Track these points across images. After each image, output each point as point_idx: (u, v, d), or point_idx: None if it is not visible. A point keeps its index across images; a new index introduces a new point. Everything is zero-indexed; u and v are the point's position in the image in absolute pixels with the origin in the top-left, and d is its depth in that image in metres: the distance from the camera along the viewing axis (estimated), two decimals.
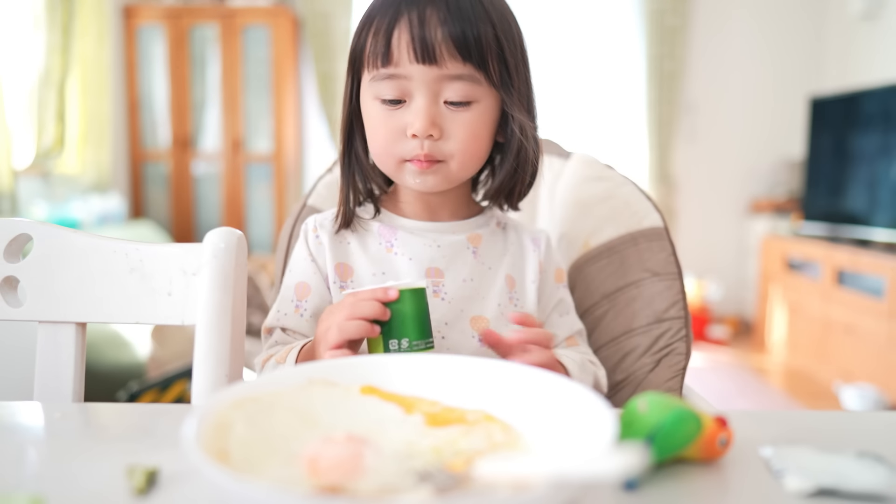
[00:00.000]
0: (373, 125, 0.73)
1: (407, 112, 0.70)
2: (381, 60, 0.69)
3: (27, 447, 0.49)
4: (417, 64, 0.68)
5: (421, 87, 0.69)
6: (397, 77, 0.69)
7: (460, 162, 0.72)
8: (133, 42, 3.46)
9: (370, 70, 0.71)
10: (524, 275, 0.80)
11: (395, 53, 0.68)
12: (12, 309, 0.65)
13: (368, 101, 0.72)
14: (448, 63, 0.68)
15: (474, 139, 0.72)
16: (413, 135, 0.70)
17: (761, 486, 0.42)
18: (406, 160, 0.72)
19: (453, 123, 0.70)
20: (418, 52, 0.67)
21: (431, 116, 0.69)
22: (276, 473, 0.38)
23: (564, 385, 0.45)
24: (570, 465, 0.33)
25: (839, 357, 2.81)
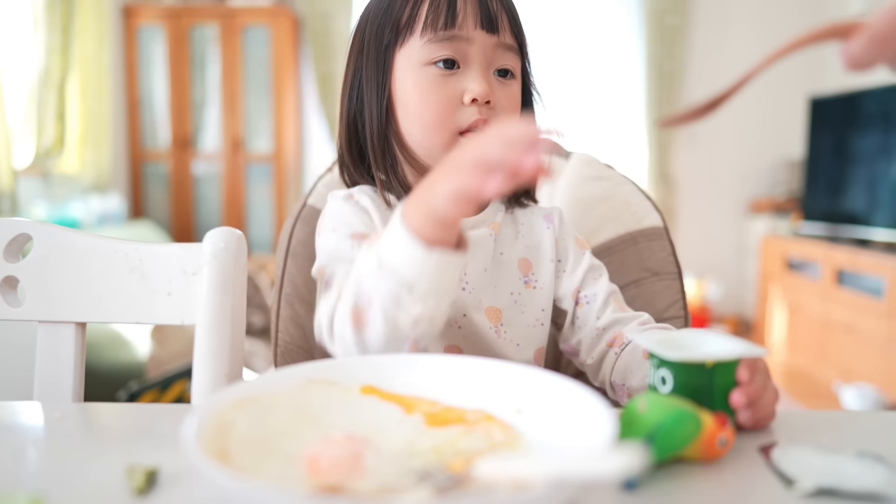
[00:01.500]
0: (422, 95, 0.69)
1: (462, 78, 0.69)
2: (445, 23, 0.68)
3: (27, 447, 0.49)
4: (480, 30, 0.68)
5: (479, 54, 0.69)
6: (458, 39, 0.68)
7: None
8: (133, 42, 3.46)
9: (425, 34, 0.68)
10: (540, 254, 0.77)
11: (459, 16, 0.68)
12: (12, 309, 0.65)
13: (414, 72, 0.69)
14: (505, 33, 0.70)
15: (515, 112, 0.72)
16: (472, 100, 0.68)
17: (761, 486, 0.42)
18: (462, 131, 0.69)
19: (502, 94, 0.70)
20: (483, 18, 0.68)
21: (489, 82, 0.69)
22: (276, 473, 0.38)
23: (564, 385, 0.45)
24: (569, 465, 0.33)
25: (839, 357, 2.81)
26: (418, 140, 0.71)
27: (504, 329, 0.73)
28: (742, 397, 0.50)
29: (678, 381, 0.49)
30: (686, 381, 0.48)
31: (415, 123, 0.70)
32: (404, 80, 0.70)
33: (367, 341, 0.56)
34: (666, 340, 0.51)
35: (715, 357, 0.48)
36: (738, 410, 0.50)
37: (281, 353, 0.87)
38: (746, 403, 0.50)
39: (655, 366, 0.50)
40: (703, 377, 0.48)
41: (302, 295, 0.86)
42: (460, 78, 0.69)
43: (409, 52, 0.70)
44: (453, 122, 0.68)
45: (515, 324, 0.73)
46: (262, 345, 2.38)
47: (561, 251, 0.78)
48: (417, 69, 0.69)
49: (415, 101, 0.69)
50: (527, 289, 0.75)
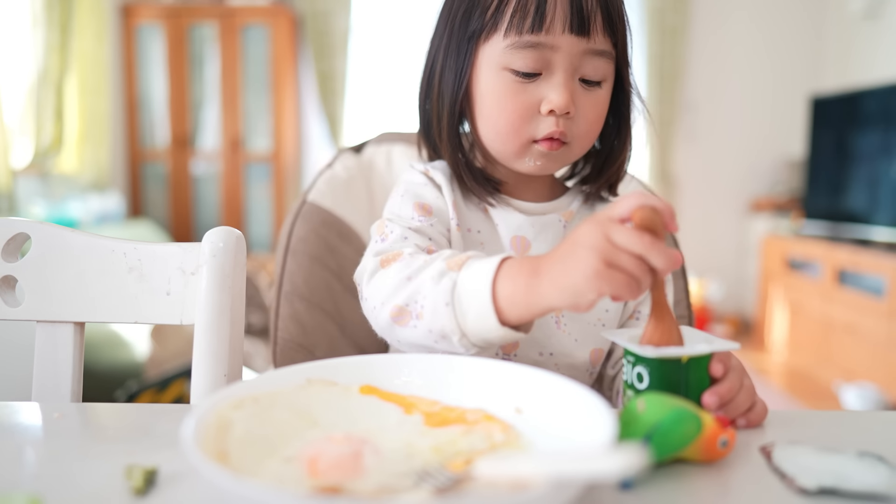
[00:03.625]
0: (498, 100, 0.66)
1: (543, 86, 0.64)
2: (531, 26, 0.62)
3: (25, 447, 0.48)
4: (569, 34, 0.63)
5: (564, 60, 0.64)
6: (542, 47, 0.63)
7: (581, 145, 0.68)
8: (132, 41, 3.46)
9: (508, 36, 0.64)
10: None
11: (548, 19, 0.62)
12: (10, 308, 0.65)
13: (493, 73, 0.66)
14: (597, 36, 0.64)
15: (598, 121, 0.68)
16: (550, 111, 0.64)
17: (762, 486, 0.42)
18: (535, 140, 0.66)
19: (585, 102, 0.66)
20: (575, 22, 0.62)
21: (571, 92, 0.64)
22: (276, 473, 0.38)
23: (564, 385, 0.45)
24: (569, 465, 0.32)
25: (840, 356, 2.81)
26: (490, 142, 0.69)
27: (565, 321, 0.71)
28: (714, 398, 0.50)
29: (654, 377, 0.49)
30: (662, 377, 0.49)
31: (488, 126, 0.68)
32: (483, 78, 0.67)
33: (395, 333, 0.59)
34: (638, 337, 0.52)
35: (689, 353, 0.49)
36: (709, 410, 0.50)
37: (280, 351, 0.87)
38: (719, 404, 0.50)
39: (632, 363, 0.50)
40: (678, 373, 0.49)
41: (301, 293, 0.86)
42: (540, 85, 0.65)
43: (491, 51, 0.66)
44: (527, 131, 0.66)
45: (577, 319, 0.72)
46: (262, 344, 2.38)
47: None
48: (496, 71, 0.66)
49: (490, 105, 0.67)
50: None
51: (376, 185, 0.92)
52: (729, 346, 0.51)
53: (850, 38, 3.46)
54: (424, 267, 0.57)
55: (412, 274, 0.58)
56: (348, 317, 0.88)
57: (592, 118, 0.67)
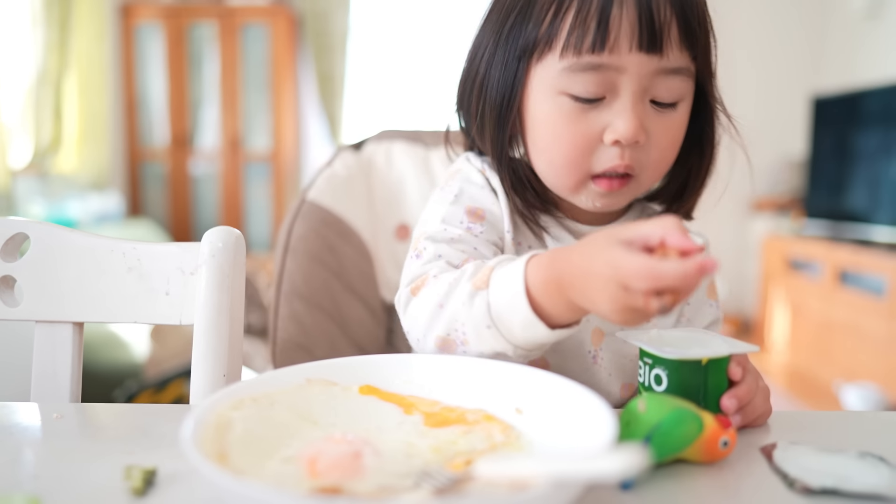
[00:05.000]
0: (553, 129, 0.58)
1: (606, 112, 0.56)
2: (592, 45, 0.53)
3: (24, 448, 0.48)
4: (638, 52, 0.54)
5: (632, 82, 0.55)
6: (605, 68, 0.55)
7: (652, 176, 0.60)
8: (131, 40, 3.45)
9: (564, 57, 0.55)
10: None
11: (612, 35, 0.53)
12: (9, 308, 0.65)
13: (548, 97, 0.58)
14: (673, 52, 0.55)
15: (674, 146, 0.60)
16: (615, 141, 0.56)
17: (763, 487, 0.42)
18: (595, 175, 0.58)
19: (658, 127, 0.57)
20: (645, 38, 0.53)
21: (641, 118, 0.56)
22: (275, 474, 0.38)
23: (564, 385, 0.45)
24: (569, 466, 0.32)
25: (840, 357, 2.81)
26: (543, 173, 0.62)
27: (602, 355, 0.66)
28: (733, 401, 0.49)
29: (673, 379, 0.48)
30: (681, 379, 0.48)
31: (541, 156, 0.60)
32: (536, 102, 0.59)
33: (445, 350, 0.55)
34: (655, 339, 0.51)
35: (709, 354, 0.48)
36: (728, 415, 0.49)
37: (279, 351, 0.87)
38: (738, 407, 0.49)
39: (650, 365, 0.50)
40: (698, 375, 0.48)
41: (301, 292, 0.86)
42: (603, 111, 0.56)
43: (545, 73, 0.57)
44: (587, 165, 0.58)
45: (615, 352, 0.67)
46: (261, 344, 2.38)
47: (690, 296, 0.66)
48: (552, 96, 0.57)
49: (543, 133, 0.59)
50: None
51: (376, 183, 0.91)
52: (748, 348, 0.50)
53: (852, 37, 3.46)
54: (451, 291, 0.53)
55: (442, 301, 0.53)
56: (348, 316, 0.88)
57: (665, 144, 0.59)
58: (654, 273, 0.41)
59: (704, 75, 0.60)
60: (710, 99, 0.62)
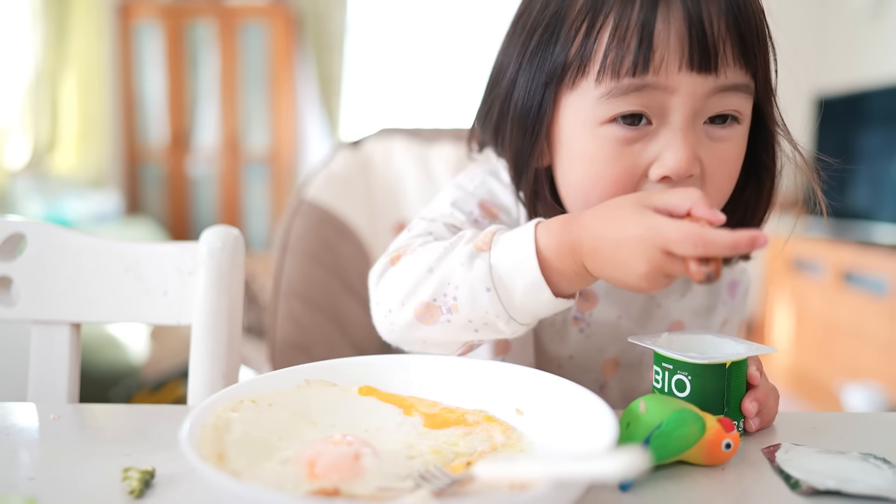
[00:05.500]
0: (592, 167, 0.50)
1: (654, 143, 0.49)
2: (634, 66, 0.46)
3: (21, 449, 0.48)
4: (690, 72, 0.47)
5: (684, 107, 0.48)
6: (651, 89, 0.47)
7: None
8: (129, 39, 3.44)
9: (601, 80, 0.48)
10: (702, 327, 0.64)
11: (657, 53, 0.46)
12: (6, 309, 0.64)
13: (585, 132, 0.50)
14: (729, 70, 0.48)
15: (732, 178, 0.52)
16: (664, 177, 0.48)
17: (765, 488, 0.42)
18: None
19: (713, 156, 0.50)
20: (696, 55, 0.46)
21: (693, 148, 0.48)
22: (274, 475, 0.38)
23: (564, 386, 0.44)
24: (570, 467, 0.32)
25: (843, 357, 2.81)
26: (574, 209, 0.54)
27: (611, 385, 0.63)
28: (754, 404, 0.47)
29: (696, 384, 0.47)
30: (704, 383, 0.47)
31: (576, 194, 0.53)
32: (570, 136, 0.51)
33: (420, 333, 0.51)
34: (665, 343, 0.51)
35: (731, 357, 0.47)
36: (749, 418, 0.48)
37: (278, 351, 0.87)
38: (758, 410, 0.48)
39: (670, 371, 0.48)
40: (720, 379, 0.47)
41: (299, 292, 0.86)
42: (650, 142, 0.49)
43: (580, 103, 0.50)
44: None
45: (627, 384, 0.64)
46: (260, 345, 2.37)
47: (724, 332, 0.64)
48: (589, 129, 0.50)
49: (579, 171, 0.52)
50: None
51: (375, 182, 0.91)
52: (766, 349, 0.49)
53: (855, 37, 3.46)
54: (446, 255, 0.48)
55: (433, 265, 0.49)
56: (347, 316, 0.87)
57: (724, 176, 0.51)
58: (705, 240, 0.38)
59: (763, 95, 0.53)
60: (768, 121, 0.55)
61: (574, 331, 0.61)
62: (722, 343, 0.51)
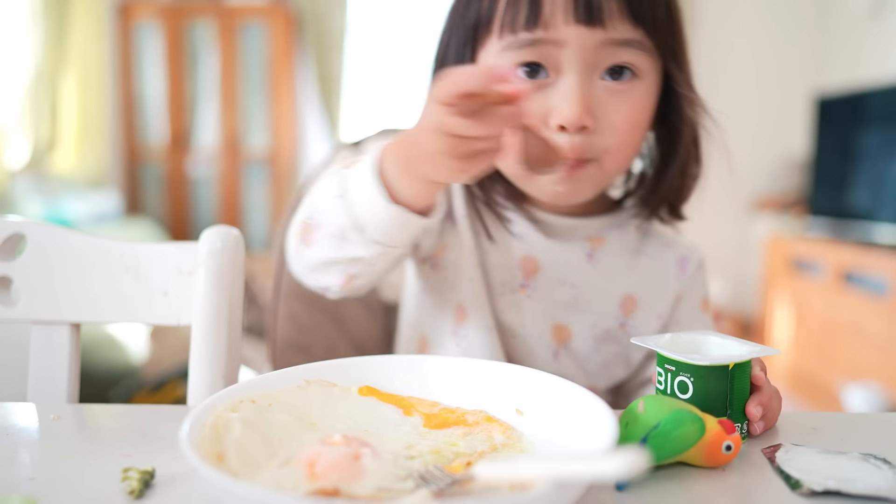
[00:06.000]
0: None
1: (551, 94, 0.53)
2: (526, 20, 0.52)
3: (20, 449, 0.48)
4: (577, 25, 0.51)
5: (575, 58, 0.52)
6: (544, 43, 0.52)
7: (615, 161, 0.57)
8: (129, 39, 3.44)
9: (503, 36, 0.54)
10: (651, 303, 0.65)
11: (545, 8, 0.51)
12: (6, 309, 0.64)
13: None
14: (617, 24, 0.52)
15: (634, 129, 0.56)
16: (560, 127, 0.53)
17: (765, 488, 0.42)
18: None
19: (611, 107, 0.54)
20: (581, 8, 0.51)
21: (586, 99, 0.52)
22: (274, 476, 0.38)
23: (565, 386, 0.44)
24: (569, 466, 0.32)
25: (843, 357, 2.81)
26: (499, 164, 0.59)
27: (566, 355, 0.65)
28: (759, 408, 0.47)
29: (699, 386, 0.47)
30: (708, 385, 0.47)
31: None
32: None
33: (305, 256, 0.57)
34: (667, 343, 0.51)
35: (734, 358, 0.47)
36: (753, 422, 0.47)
37: (278, 351, 0.87)
38: (763, 413, 0.48)
39: (672, 372, 0.48)
40: (724, 381, 0.47)
41: (299, 292, 0.86)
42: (548, 92, 0.53)
43: (487, 57, 0.56)
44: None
45: (582, 357, 0.65)
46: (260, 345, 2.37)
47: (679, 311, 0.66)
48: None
49: None
50: (618, 331, 0.65)
51: None
52: (769, 351, 0.49)
53: (855, 37, 3.46)
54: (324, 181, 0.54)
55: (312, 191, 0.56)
56: (347, 316, 0.87)
57: (624, 127, 0.55)
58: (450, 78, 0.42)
59: (666, 56, 0.57)
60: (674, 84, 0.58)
61: (522, 298, 0.63)
62: (724, 344, 0.51)
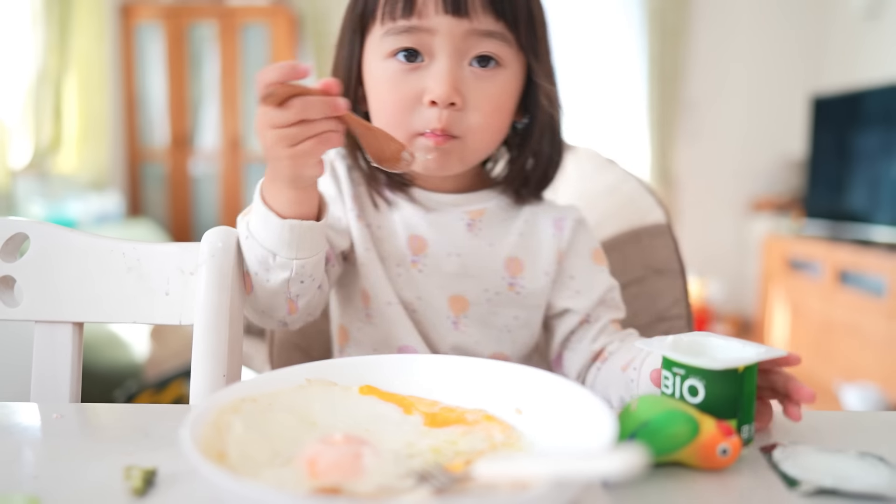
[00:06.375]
0: (382, 91, 0.63)
1: (426, 75, 0.61)
2: (402, 10, 0.60)
3: (24, 448, 0.48)
4: (445, 15, 0.59)
5: (446, 45, 0.60)
6: (419, 31, 0.60)
7: (479, 139, 0.64)
8: (131, 40, 3.45)
9: (384, 23, 0.61)
10: (535, 261, 0.70)
11: (418, 2, 0.59)
12: (9, 308, 0.65)
13: (377, 63, 0.63)
14: (480, 16, 0.60)
15: (498, 112, 0.64)
16: (432, 102, 0.61)
17: (762, 487, 0.42)
18: (419, 133, 0.63)
19: (477, 91, 0.62)
20: (448, 1, 0.59)
21: (454, 80, 0.60)
22: (275, 474, 0.38)
23: (564, 385, 0.45)
24: (569, 465, 0.32)
25: (840, 357, 2.81)
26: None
27: (466, 323, 0.69)
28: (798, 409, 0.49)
29: (710, 389, 0.46)
30: (719, 389, 0.46)
31: (376, 118, 0.66)
32: (369, 68, 0.65)
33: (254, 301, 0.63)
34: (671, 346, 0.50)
35: (744, 361, 0.46)
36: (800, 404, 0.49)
37: (277, 351, 0.87)
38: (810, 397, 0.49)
39: (682, 376, 0.47)
40: (734, 384, 0.46)
41: None
42: (423, 74, 0.61)
43: (373, 41, 0.64)
44: (410, 125, 0.63)
45: (481, 322, 0.70)
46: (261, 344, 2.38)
47: (569, 267, 0.71)
48: (380, 61, 0.63)
49: (375, 95, 0.65)
50: (509, 291, 0.70)
51: None
52: (777, 352, 0.49)
53: (851, 37, 3.46)
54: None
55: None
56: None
57: (487, 109, 0.62)
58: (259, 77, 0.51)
59: (526, 49, 0.64)
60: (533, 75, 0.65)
61: (416, 273, 0.69)
62: (729, 346, 0.51)
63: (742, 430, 0.46)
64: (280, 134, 0.52)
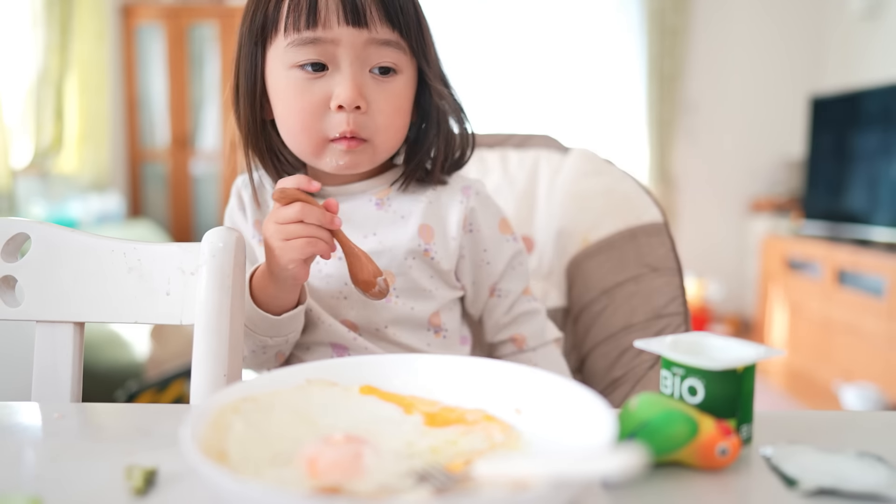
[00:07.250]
0: (288, 99, 0.67)
1: (331, 82, 0.65)
2: (306, 21, 0.63)
3: (25, 447, 0.48)
4: (347, 26, 0.63)
5: (348, 53, 0.64)
6: (322, 42, 0.64)
7: (385, 139, 0.68)
8: (132, 41, 3.45)
9: (288, 34, 0.65)
10: (445, 226, 0.74)
11: (321, 13, 0.63)
12: (10, 308, 0.65)
13: (281, 73, 0.66)
14: (378, 27, 0.64)
15: (399, 113, 0.68)
16: (339, 107, 0.65)
17: (761, 486, 0.42)
18: (331, 139, 0.67)
19: (379, 95, 0.66)
20: (349, 13, 0.63)
21: (358, 86, 0.65)
22: (275, 474, 0.38)
23: (564, 385, 0.45)
24: (568, 465, 0.32)
25: (839, 357, 2.81)
26: (289, 143, 0.70)
27: (397, 293, 0.72)
28: None
29: (710, 390, 0.46)
30: (718, 389, 0.46)
31: (284, 127, 0.69)
32: (274, 78, 0.68)
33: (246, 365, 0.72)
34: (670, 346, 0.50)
35: (744, 361, 0.46)
36: None
37: None
38: None
39: (681, 376, 0.47)
40: (734, 384, 0.46)
41: None
42: (328, 81, 0.65)
43: (276, 53, 0.67)
44: (320, 130, 0.66)
45: (410, 289, 0.73)
46: None
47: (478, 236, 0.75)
48: (284, 71, 0.66)
49: (282, 104, 0.68)
50: (425, 257, 0.73)
51: None
52: (775, 352, 0.49)
53: (850, 38, 3.46)
54: None
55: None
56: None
57: (389, 111, 0.67)
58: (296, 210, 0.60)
59: (419, 54, 0.69)
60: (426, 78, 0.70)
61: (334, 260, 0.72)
62: (727, 346, 0.50)
63: (741, 430, 0.47)
64: (279, 227, 0.61)
